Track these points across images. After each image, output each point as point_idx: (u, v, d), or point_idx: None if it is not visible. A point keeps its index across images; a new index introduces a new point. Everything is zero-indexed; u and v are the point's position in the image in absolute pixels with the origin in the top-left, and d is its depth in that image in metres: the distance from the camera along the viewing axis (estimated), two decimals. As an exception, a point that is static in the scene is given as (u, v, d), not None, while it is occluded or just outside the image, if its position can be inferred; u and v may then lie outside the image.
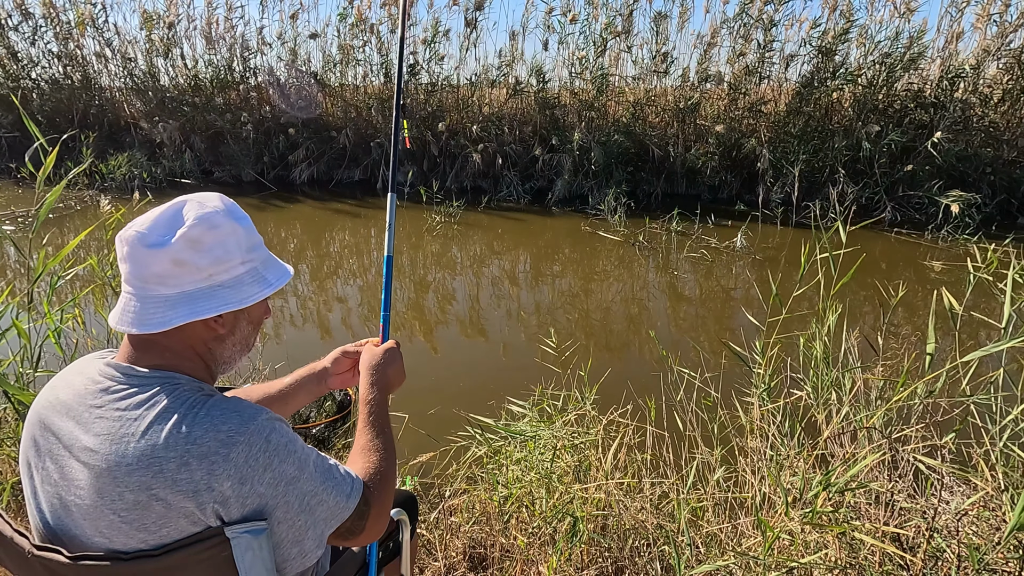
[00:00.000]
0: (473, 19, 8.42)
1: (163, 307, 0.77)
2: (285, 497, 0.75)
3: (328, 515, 0.79)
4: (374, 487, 0.86)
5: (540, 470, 1.86)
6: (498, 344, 4.05)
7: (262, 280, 0.85)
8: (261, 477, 0.74)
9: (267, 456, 0.74)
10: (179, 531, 0.72)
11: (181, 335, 0.80)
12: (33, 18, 9.24)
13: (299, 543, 0.77)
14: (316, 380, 1.15)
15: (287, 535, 0.76)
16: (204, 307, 0.78)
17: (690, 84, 8.12)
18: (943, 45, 7.51)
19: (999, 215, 7.05)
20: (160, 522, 0.71)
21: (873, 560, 1.50)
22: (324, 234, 6.87)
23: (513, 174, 8.28)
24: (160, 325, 0.77)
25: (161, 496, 0.70)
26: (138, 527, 0.71)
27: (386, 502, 0.87)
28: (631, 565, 1.72)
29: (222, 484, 0.71)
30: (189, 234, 0.77)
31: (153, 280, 0.77)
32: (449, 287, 5.22)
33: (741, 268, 5.57)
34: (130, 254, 0.77)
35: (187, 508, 0.71)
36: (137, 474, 0.70)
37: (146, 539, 0.71)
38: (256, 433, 0.75)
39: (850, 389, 1.86)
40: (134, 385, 0.76)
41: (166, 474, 0.70)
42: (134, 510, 0.70)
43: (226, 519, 0.73)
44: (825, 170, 7.24)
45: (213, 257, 0.79)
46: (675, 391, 2.34)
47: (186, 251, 0.77)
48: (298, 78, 8.96)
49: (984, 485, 1.55)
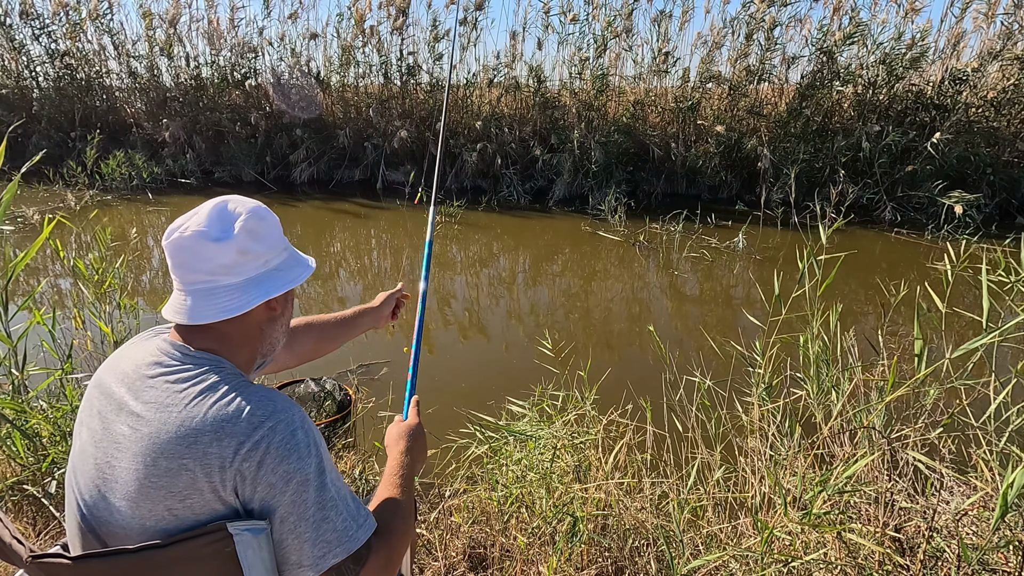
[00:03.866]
0: (473, 19, 8.41)
1: (236, 293, 0.84)
2: (293, 496, 0.76)
3: (333, 539, 0.78)
4: (383, 539, 0.86)
5: (540, 470, 1.86)
6: (498, 344, 4.05)
7: (301, 262, 0.95)
8: (276, 467, 0.76)
9: (287, 448, 0.77)
10: (203, 504, 0.75)
11: (242, 320, 0.86)
12: (40, 17, 9.25)
13: (298, 551, 0.77)
14: (373, 315, 1.44)
15: (288, 540, 0.77)
16: (271, 287, 0.87)
17: (691, 84, 8.12)
18: (943, 46, 7.52)
19: (999, 215, 7.06)
20: (186, 492, 0.74)
21: (873, 560, 1.50)
22: (325, 234, 6.87)
23: (513, 174, 8.28)
24: (239, 309, 0.84)
25: (190, 468, 0.74)
26: (166, 494, 0.74)
27: (391, 563, 0.87)
28: (631, 565, 1.73)
29: (244, 463, 0.75)
30: (247, 225, 0.85)
31: (221, 271, 0.83)
32: (449, 287, 5.22)
33: (741, 268, 5.57)
34: (194, 250, 0.82)
35: (212, 482, 0.74)
36: (174, 443, 0.75)
37: (172, 507, 0.74)
38: (285, 424, 0.78)
39: (849, 389, 1.86)
40: (186, 363, 0.82)
41: (199, 447, 0.74)
42: (165, 476, 0.74)
43: (242, 499, 0.76)
44: (825, 170, 7.24)
45: (267, 245, 0.88)
46: (675, 391, 2.34)
47: (247, 241, 0.85)
48: (299, 78, 8.96)
49: (984, 485, 1.55)
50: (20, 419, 1.96)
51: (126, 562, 0.71)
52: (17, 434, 1.90)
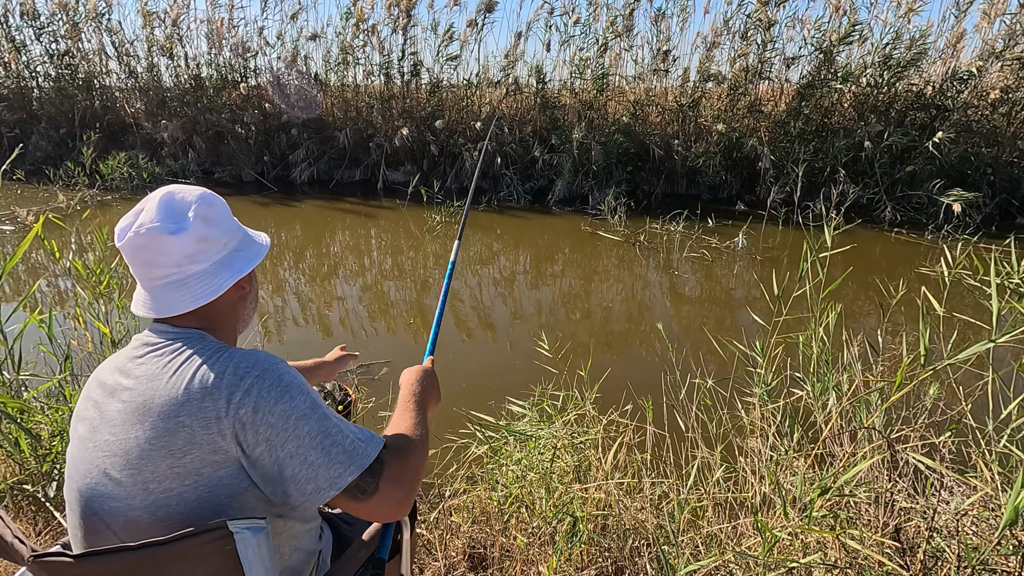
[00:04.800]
0: (482, 21, 8.42)
1: (207, 278, 0.87)
2: (296, 431, 0.80)
3: (345, 459, 0.81)
4: (394, 454, 0.88)
5: (540, 470, 1.86)
6: (498, 344, 4.05)
7: (255, 240, 0.98)
8: (272, 408, 0.79)
9: (279, 390, 0.80)
10: (202, 458, 0.77)
11: (216, 302, 0.89)
12: (40, 17, 9.25)
13: (314, 479, 0.80)
14: (327, 369, 1.40)
15: (300, 471, 0.79)
16: (238, 267, 0.90)
17: (691, 84, 8.12)
18: (943, 46, 7.52)
19: (999, 215, 7.06)
20: (185, 448, 0.77)
21: (873, 560, 1.50)
22: (324, 234, 6.87)
23: (513, 174, 8.28)
24: (213, 293, 0.87)
25: (187, 424, 0.77)
26: (166, 453, 0.76)
27: (405, 473, 0.86)
28: (631, 565, 1.73)
29: (239, 411, 0.78)
30: (200, 213, 0.86)
31: (186, 261, 0.86)
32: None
33: (742, 268, 5.57)
34: (154, 246, 0.84)
35: (210, 434, 0.77)
36: (167, 404, 0.78)
37: (173, 465, 0.76)
38: (270, 370, 0.82)
39: (849, 389, 1.86)
40: (169, 338, 0.86)
41: (192, 403, 0.78)
42: (163, 436, 0.77)
43: (245, 447, 0.78)
44: (826, 170, 7.25)
45: (223, 228, 0.90)
46: (675, 391, 2.34)
47: (204, 227, 0.87)
48: (298, 78, 8.96)
49: (984, 485, 1.55)
50: (27, 420, 1.96)
51: (127, 559, 0.71)
52: (22, 434, 1.89)
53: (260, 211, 7.65)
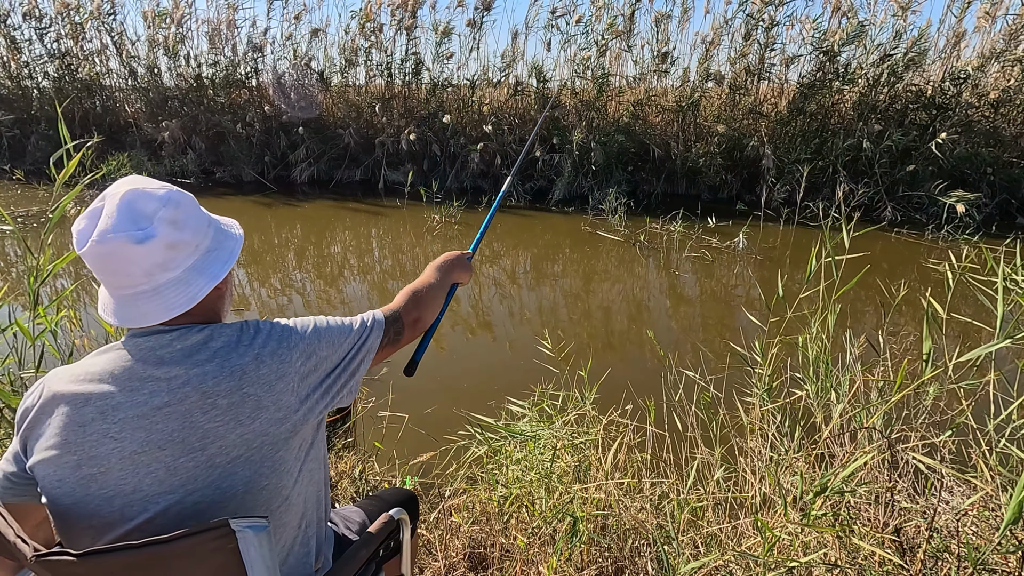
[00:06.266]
0: (480, 20, 8.42)
1: (181, 286, 0.83)
2: (340, 348, 0.96)
3: (368, 331, 1.03)
4: (411, 302, 1.16)
5: (540, 470, 1.86)
6: (498, 344, 4.06)
7: (228, 234, 0.93)
8: (318, 346, 0.92)
9: (315, 334, 0.93)
10: (268, 417, 0.83)
11: (199, 305, 0.87)
12: (44, 17, 9.25)
13: (358, 372, 1.01)
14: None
15: (351, 373, 0.98)
16: (214, 272, 0.86)
17: (691, 84, 8.12)
18: (943, 46, 7.52)
19: (999, 215, 7.06)
20: (254, 414, 0.82)
21: (873, 560, 1.50)
22: (325, 234, 6.87)
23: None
24: (189, 302, 0.83)
25: (251, 392, 0.82)
26: (235, 424, 0.81)
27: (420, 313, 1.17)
28: (631, 565, 1.73)
29: (295, 364, 0.87)
30: (166, 217, 0.80)
31: (156, 270, 0.80)
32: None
33: (742, 268, 5.57)
34: (118, 256, 0.77)
35: (273, 394, 0.84)
36: (225, 382, 0.81)
37: (243, 433, 0.81)
38: (300, 326, 0.93)
39: (850, 389, 1.86)
40: (178, 330, 0.84)
41: (248, 374, 0.82)
42: (229, 411, 0.81)
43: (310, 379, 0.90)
44: (828, 170, 7.24)
45: (193, 230, 0.84)
46: (675, 391, 2.34)
47: (172, 233, 0.81)
48: (300, 78, 8.96)
49: (984, 485, 1.56)
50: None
51: (130, 557, 0.71)
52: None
53: (261, 211, 7.65)
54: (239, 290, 5.04)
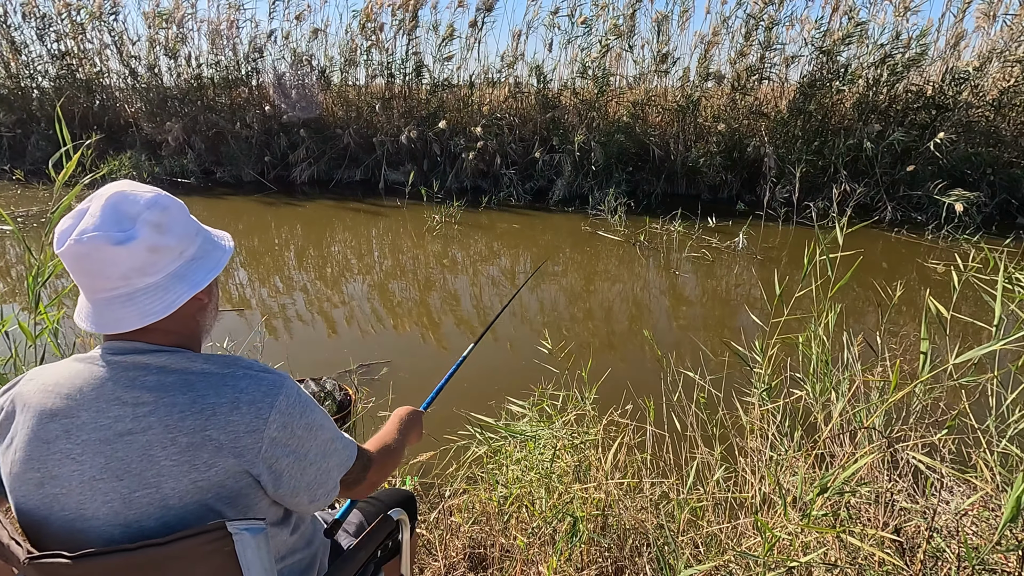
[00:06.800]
0: (482, 20, 8.41)
1: (159, 292, 0.79)
2: (315, 441, 0.86)
3: (341, 462, 0.92)
4: (380, 453, 1.07)
5: (540, 470, 1.86)
6: (498, 344, 4.05)
7: (217, 245, 0.89)
8: (299, 422, 0.84)
9: (301, 406, 0.85)
10: (225, 469, 0.77)
11: (177, 314, 0.82)
12: (44, 17, 9.25)
13: (325, 484, 0.89)
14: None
15: (316, 477, 0.87)
16: (195, 280, 0.82)
17: (691, 84, 8.12)
18: (943, 46, 7.52)
19: (999, 215, 7.05)
20: (211, 461, 0.77)
21: (873, 560, 1.50)
22: (325, 234, 6.87)
23: (513, 174, 8.28)
24: (165, 310, 0.79)
25: (214, 437, 0.76)
26: (189, 468, 0.76)
27: (384, 469, 1.07)
28: (631, 565, 1.73)
29: (270, 427, 0.80)
30: (150, 220, 0.77)
31: (135, 274, 0.77)
32: (449, 287, 5.22)
33: (742, 268, 5.57)
34: (97, 256, 0.75)
35: (237, 448, 0.78)
36: (191, 419, 0.76)
37: (196, 479, 0.76)
38: (291, 387, 0.85)
39: (851, 391, 1.86)
40: (158, 352, 0.80)
41: (219, 416, 0.77)
42: (187, 451, 0.76)
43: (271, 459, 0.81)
44: (828, 169, 7.24)
45: (178, 235, 0.81)
46: (675, 391, 2.34)
47: (154, 236, 0.78)
48: (300, 78, 8.96)
49: (984, 485, 1.55)
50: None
51: (125, 560, 0.71)
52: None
53: (261, 211, 7.65)
54: (239, 290, 5.04)
